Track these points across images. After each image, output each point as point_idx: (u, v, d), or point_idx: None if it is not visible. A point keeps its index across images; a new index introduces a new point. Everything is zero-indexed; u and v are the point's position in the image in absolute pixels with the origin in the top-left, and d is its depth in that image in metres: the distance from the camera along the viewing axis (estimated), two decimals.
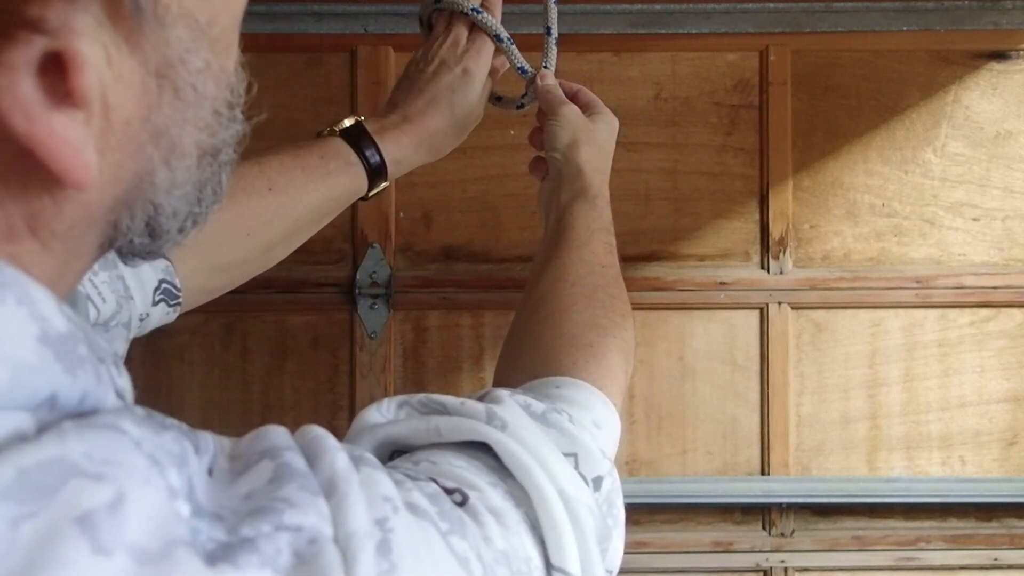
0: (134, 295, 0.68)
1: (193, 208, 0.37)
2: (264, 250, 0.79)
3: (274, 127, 1.21)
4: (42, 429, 0.28)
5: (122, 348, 0.67)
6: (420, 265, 1.15)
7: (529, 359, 0.64)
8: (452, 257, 1.15)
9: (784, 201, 1.15)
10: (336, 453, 0.34)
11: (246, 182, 0.76)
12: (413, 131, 0.82)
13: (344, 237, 1.14)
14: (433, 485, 0.38)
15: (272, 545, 0.29)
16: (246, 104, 0.40)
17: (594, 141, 0.80)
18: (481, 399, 0.50)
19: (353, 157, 0.80)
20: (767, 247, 1.15)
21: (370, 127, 0.82)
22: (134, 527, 0.27)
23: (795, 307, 1.15)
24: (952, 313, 1.15)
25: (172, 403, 1.13)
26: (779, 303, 1.14)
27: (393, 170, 0.82)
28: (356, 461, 0.35)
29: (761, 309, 1.15)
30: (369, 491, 0.33)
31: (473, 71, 0.84)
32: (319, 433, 0.36)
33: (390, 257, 1.14)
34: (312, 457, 0.34)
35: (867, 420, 1.15)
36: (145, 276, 0.69)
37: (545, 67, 0.86)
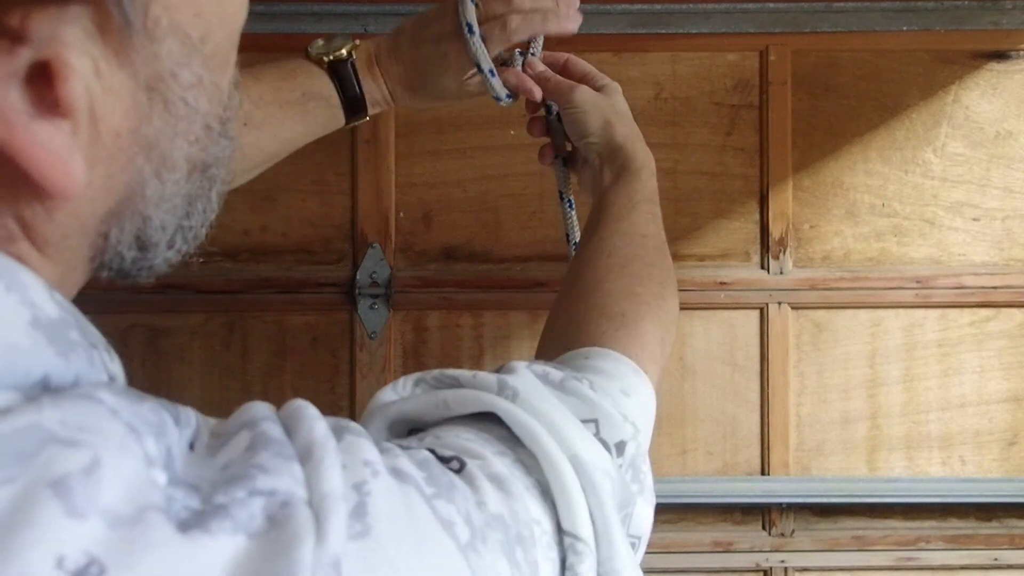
0: None
1: (182, 222, 0.37)
2: (239, 179, 0.77)
3: None
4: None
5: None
6: (420, 265, 1.15)
7: (562, 332, 0.63)
8: (452, 257, 1.15)
9: (784, 201, 1.15)
10: (314, 422, 0.34)
11: None
12: (395, 80, 0.80)
13: (344, 237, 1.14)
14: (425, 452, 0.38)
15: (245, 510, 0.29)
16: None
17: (620, 115, 0.79)
18: (498, 371, 0.50)
19: (335, 98, 0.78)
20: (767, 247, 1.15)
21: (360, 62, 0.78)
22: (108, 491, 0.27)
23: (795, 307, 1.15)
24: (952, 313, 1.15)
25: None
26: (779, 303, 1.14)
27: (372, 109, 0.80)
28: (339, 430, 0.35)
29: (761, 309, 1.15)
30: (349, 456, 0.33)
31: (452, 65, 0.80)
32: (300, 404, 0.36)
33: (390, 257, 1.14)
34: (291, 427, 0.34)
35: (867, 420, 1.15)
36: None
37: (532, 53, 0.82)
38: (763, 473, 1.14)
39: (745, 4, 1.14)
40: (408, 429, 0.47)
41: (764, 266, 1.15)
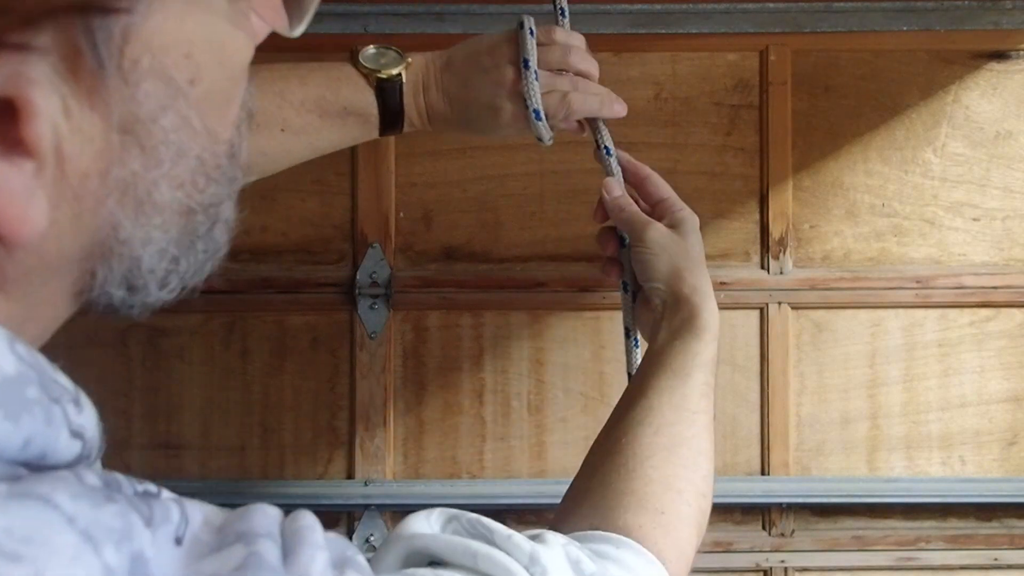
0: None
1: (173, 266, 0.36)
2: (257, 176, 0.76)
3: None
4: None
5: None
6: (420, 265, 1.15)
7: (594, 506, 0.59)
8: (452, 257, 1.15)
9: (784, 201, 1.15)
10: (316, 551, 0.33)
11: (261, 115, 0.72)
12: (438, 110, 0.78)
13: (344, 237, 1.14)
14: None
15: None
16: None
17: (693, 261, 0.73)
18: (533, 538, 0.47)
19: (375, 117, 0.76)
20: (767, 247, 1.15)
21: (408, 83, 0.76)
22: None
23: (795, 307, 1.15)
24: (952, 313, 1.15)
25: (172, 403, 1.13)
26: (779, 303, 1.14)
27: (407, 130, 0.78)
28: (342, 564, 0.34)
29: (761, 309, 1.15)
30: None
31: (511, 127, 0.79)
32: (308, 523, 0.35)
33: (390, 257, 1.14)
34: (290, 549, 0.33)
35: (867, 420, 1.15)
36: None
37: (605, 146, 0.80)
38: (763, 473, 1.14)
39: (745, 4, 1.14)
40: (429, 561, 0.47)
41: (764, 266, 1.15)
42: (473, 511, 1.24)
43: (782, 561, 1.15)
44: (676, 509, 0.59)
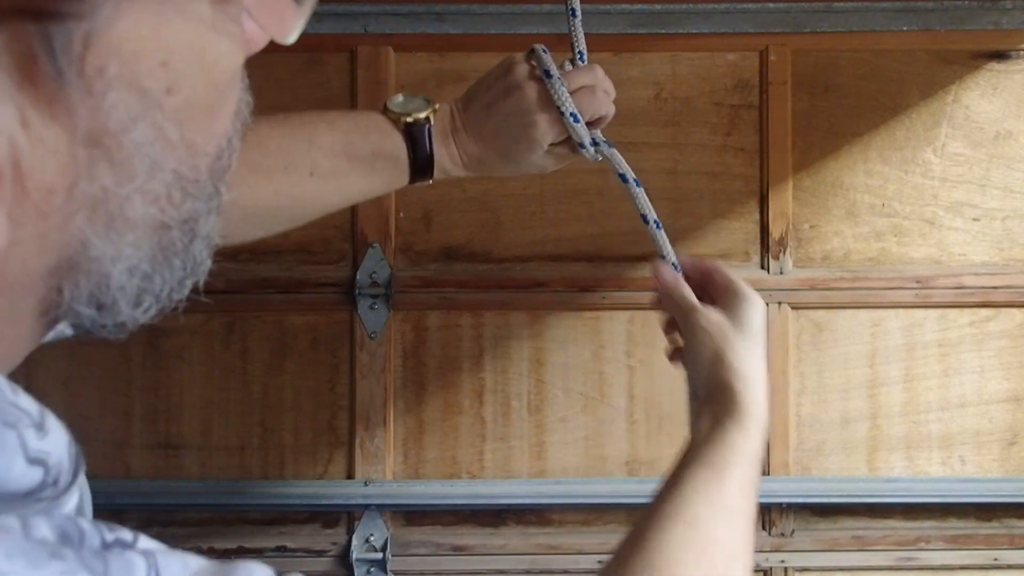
0: None
1: (145, 283, 0.34)
2: (287, 224, 0.76)
3: None
4: None
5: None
6: (420, 265, 1.15)
7: None
8: (452, 257, 1.15)
9: (784, 201, 1.15)
10: None
11: (290, 159, 0.72)
12: (472, 151, 0.78)
13: (344, 237, 1.14)
14: None
15: None
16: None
17: (742, 345, 0.68)
18: None
19: (404, 161, 0.76)
20: (767, 247, 1.15)
21: (437, 128, 0.76)
22: None
23: (795, 307, 1.15)
24: (952, 313, 1.15)
25: (172, 403, 1.13)
26: (779, 303, 1.14)
27: (437, 175, 0.77)
28: None
29: None
30: None
31: (544, 146, 0.78)
32: None
33: (390, 257, 1.14)
34: None
35: (867, 420, 1.15)
36: None
37: (662, 257, 0.77)
38: (763, 473, 1.14)
39: (745, 4, 1.14)
40: None
41: (764, 266, 1.15)
42: (473, 511, 1.24)
43: (782, 561, 1.15)
44: None
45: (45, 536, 0.28)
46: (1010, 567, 1.16)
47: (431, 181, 0.78)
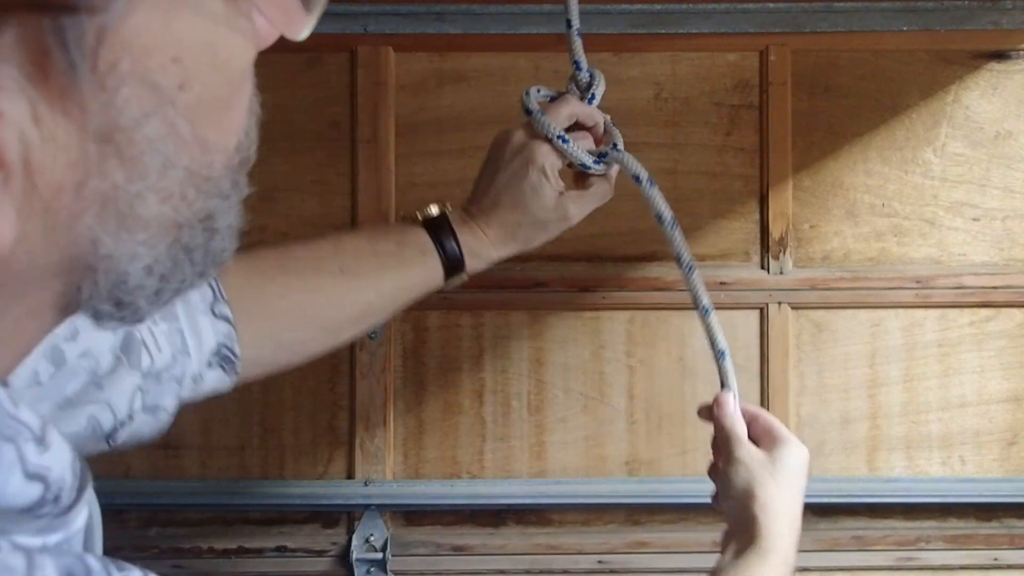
0: (191, 352, 0.65)
1: (163, 283, 0.34)
2: (331, 331, 0.77)
3: (274, 127, 1.21)
4: None
5: (171, 404, 0.64)
6: None
7: None
8: None
9: (784, 201, 1.15)
10: None
11: (318, 261, 0.75)
12: (494, 224, 0.81)
13: None
14: None
15: None
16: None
17: (775, 484, 0.71)
18: None
19: (430, 246, 0.78)
20: (767, 247, 1.15)
21: (453, 217, 0.80)
22: None
23: (795, 307, 1.15)
24: (952, 313, 1.15)
25: None
26: (779, 303, 1.14)
27: (471, 263, 0.80)
28: None
29: (761, 309, 1.15)
30: None
31: (549, 178, 0.81)
32: None
33: None
34: None
35: (867, 420, 1.15)
36: (204, 335, 0.66)
37: (725, 387, 0.80)
38: None
39: (745, 4, 1.14)
40: None
41: (764, 266, 1.15)
42: (473, 511, 1.24)
43: None
44: None
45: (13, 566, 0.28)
46: (1010, 567, 1.16)
47: (466, 275, 0.81)
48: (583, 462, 1.15)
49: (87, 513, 0.34)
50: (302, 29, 0.37)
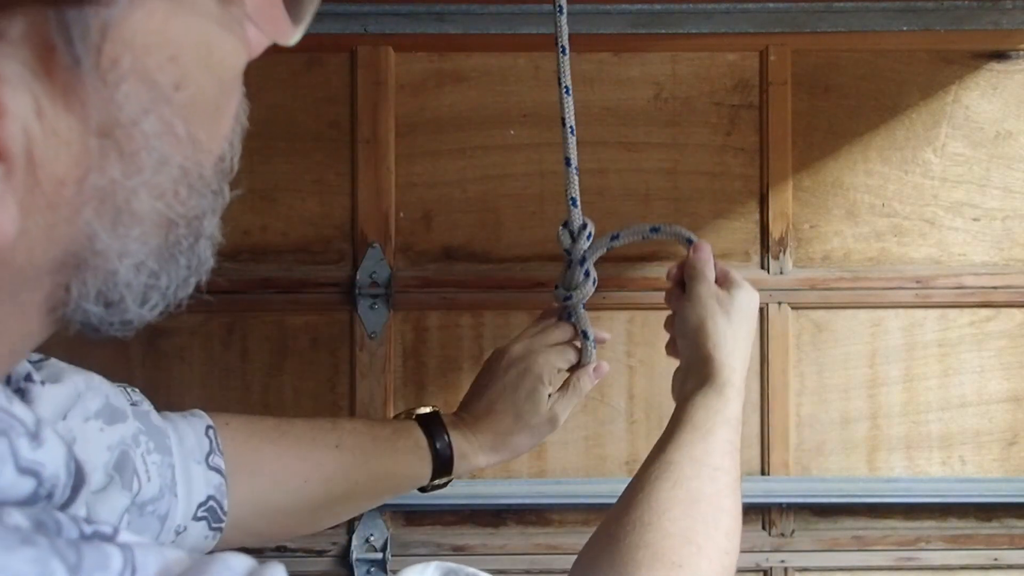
0: (179, 495, 0.65)
1: (152, 280, 0.34)
2: (313, 507, 0.77)
3: (274, 127, 1.22)
4: None
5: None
6: (420, 265, 1.15)
7: (611, 563, 0.57)
8: (452, 257, 1.15)
9: (784, 201, 1.15)
10: None
11: (316, 433, 0.77)
12: (486, 431, 0.83)
13: (344, 237, 1.14)
14: None
15: None
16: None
17: (727, 320, 0.73)
18: None
19: (423, 441, 0.81)
20: (767, 247, 1.15)
21: (446, 418, 0.83)
22: None
23: (795, 307, 1.15)
24: (952, 313, 1.15)
25: (172, 403, 1.13)
26: (779, 303, 1.14)
27: (459, 464, 0.82)
28: None
29: (761, 309, 1.14)
30: None
31: (545, 383, 0.86)
32: None
33: (390, 257, 1.14)
34: None
35: (867, 420, 1.15)
36: (195, 484, 0.66)
37: (689, 241, 0.85)
38: (763, 473, 1.14)
39: (745, 4, 1.14)
40: None
41: (764, 266, 1.15)
42: (473, 511, 1.24)
43: (782, 561, 1.15)
44: (695, 563, 0.57)
45: (18, 523, 0.28)
46: (1010, 567, 1.16)
47: (452, 477, 0.83)
48: (583, 462, 1.15)
49: (85, 513, 0.34)
50: (291, 37, 0.37)
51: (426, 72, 1.15)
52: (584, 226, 0.88)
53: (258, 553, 1.17)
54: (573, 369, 0.89)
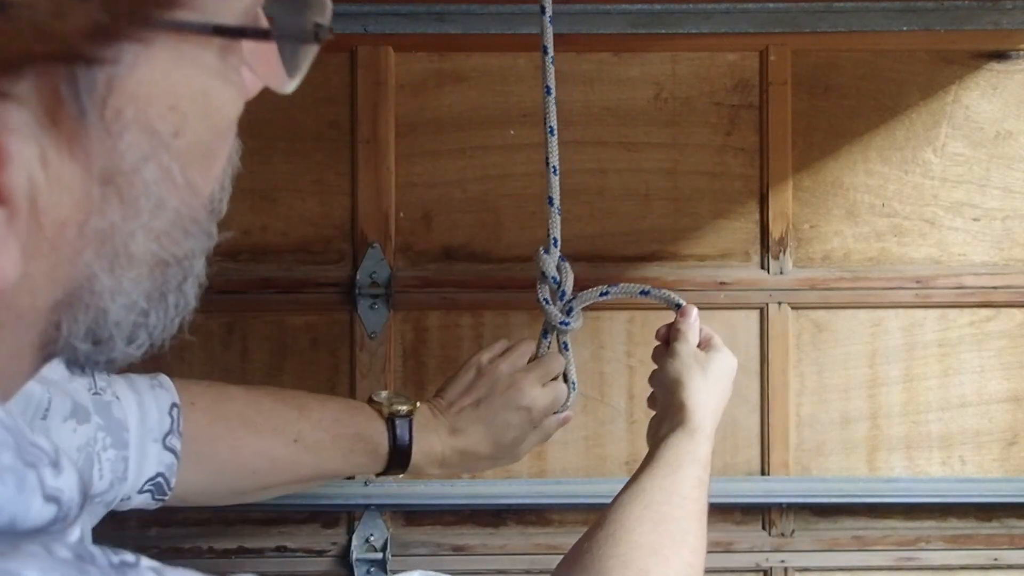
0: (129, 476, 0.70)
1: (142, 319, 0.35)
2: (261, 489, 0.82)
3: (274, 127, 1.22)
4: None
5: (93, 522, 0.69)
6: (420, 265, 1.15)
7: (584, 570, 0.63)
8: (452, 257, 1.15)
9: (784, 201, 1.15)
10: None
11: (277, 422, 0.80)
12: (452, 447, 0.87)
13: (344, 237, 1.14)
14: None
15: None
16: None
17: (703, 376, 0.79)
18: None
19: (384, 448, 0.84)
20: (767, 247, 1.15)
21: (418, 422, 0.85)
22: None
23: (795, 307, 1.15)
24: (952, 313, 1.15)
25: None
26: (779, 303, 1.14)
27: (410, 473, 0.86)
28: None
29: (761, 309, 1.15)
30: None
31: (534, 424, 0.90)
32: None
33: (390, 257, 1.14)
34: None
35: (867, 420, 1.15)
36: (148, 463, 0.72)
37: (677, 305, 0.90)
38: (763, 473, 1.14)
39: (745, 4, 1.14)
40: None
41: (764, 266, 1.15)
42: (473, 511, 1.24)
43: (782, 561, 1.15)
44: (659, 570, 0.62)
45: (66, 556, 0.29)
46: (1010, 567, 1.16)
47: (401, 476, 0.88)
48: (583, 462, 1.15)
49: (80, 526, 0.35)
50: (287, 85, 0.41)
51: (426, 72, 1.15)
52: (559, 282, 0.92)
53: (258, 553, 1.17)
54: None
